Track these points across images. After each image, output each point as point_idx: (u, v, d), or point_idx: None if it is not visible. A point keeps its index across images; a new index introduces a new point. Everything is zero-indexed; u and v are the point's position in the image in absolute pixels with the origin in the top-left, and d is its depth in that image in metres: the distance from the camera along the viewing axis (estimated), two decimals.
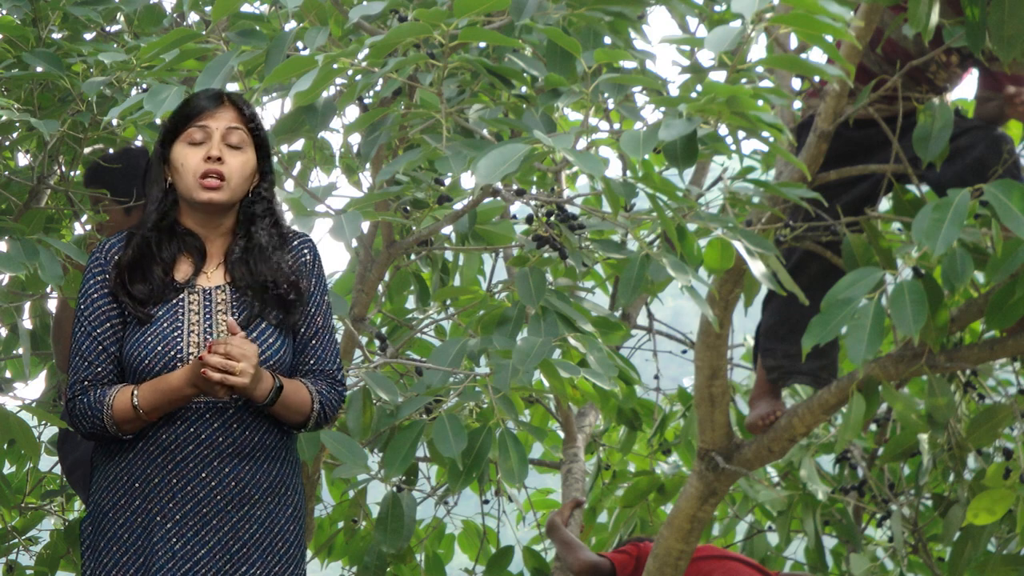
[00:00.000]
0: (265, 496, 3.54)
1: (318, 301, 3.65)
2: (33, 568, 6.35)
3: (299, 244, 3.67)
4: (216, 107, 3.60)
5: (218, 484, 3.50)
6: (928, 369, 4.89)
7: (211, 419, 3.51)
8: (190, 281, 3.57)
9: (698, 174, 6.75)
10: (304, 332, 3.63)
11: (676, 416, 7.13)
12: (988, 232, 4.51)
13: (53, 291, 5.45)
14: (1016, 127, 5.59)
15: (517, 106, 4.39)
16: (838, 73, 3.91)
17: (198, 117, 3.59)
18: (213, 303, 3.56)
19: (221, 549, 3.49)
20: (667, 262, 4.11)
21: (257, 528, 3.52)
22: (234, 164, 3.57)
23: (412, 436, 4.38)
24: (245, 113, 3.62)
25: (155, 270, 3.56)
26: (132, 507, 3.51)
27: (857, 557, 6.24)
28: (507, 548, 6.66)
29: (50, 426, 6.22)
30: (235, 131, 3.58)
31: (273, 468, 3.56)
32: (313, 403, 3.59)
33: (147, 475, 3.50)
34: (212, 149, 3.56)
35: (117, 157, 5.51)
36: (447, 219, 4.72)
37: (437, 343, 5.86)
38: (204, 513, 3.49)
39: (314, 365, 3.64)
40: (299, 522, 3.61)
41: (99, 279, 3.58)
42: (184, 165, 3.56)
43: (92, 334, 3.55)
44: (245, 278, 3.57)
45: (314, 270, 3.66)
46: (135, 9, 5.10)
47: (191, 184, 3.55)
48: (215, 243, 3.62)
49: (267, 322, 3.56)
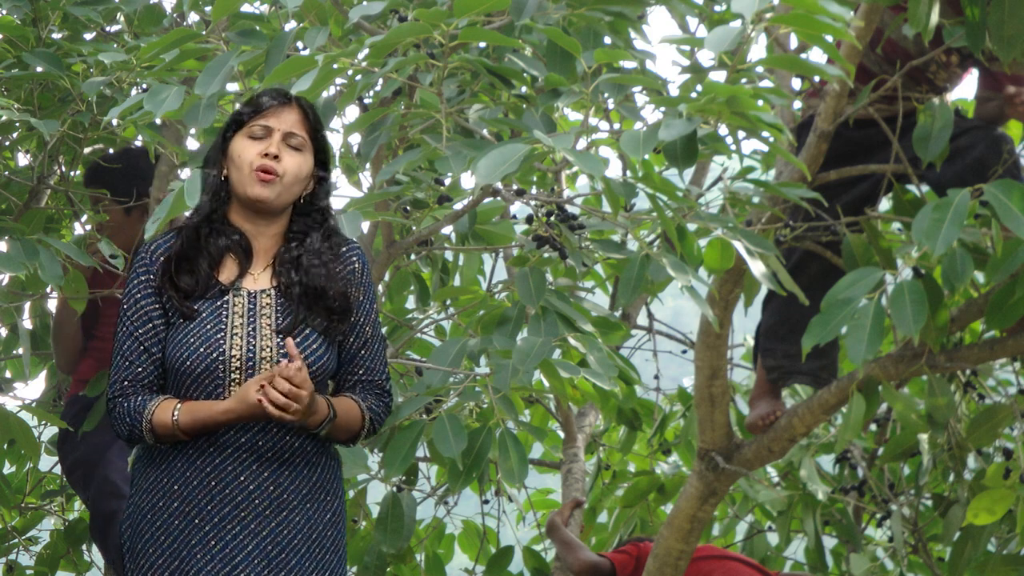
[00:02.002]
0: (304, 502, 3.52)
1: (367, 310, 3.63)
2: (33, 568, 6.35)
3: (348, 252, 3.64)
4: (282, 106, 3.59)
5: (256, 488, 3.48)
6: (928, 369, 4.89)
7: (252, 423, 3.50)
8: (235, 283, 3.55)
9: (698, 174, 6.75)
10: (353, 342, 3.61)
11: (676, 416, 7.13)
12: (988, 232, 4.51)
13: (53, 291, 5.45)
14: (1016, 127, 5.59)
15: (517, 106, 4.38)
16: (838, 73, 3.91)
17: (263, 114, 3.58)
18: (258, 307, 3.54)
19: (260, 554, 3.47)
20: (667, 262, 4.10)
21: (296, 534, 3.50)
22: (290, 165, 3.56)
23: (412, 436, 4.38)
24: (310, 117, 3.61)
25: (201, 263, 3.54)
26: (170, 509, 3.49)
27: (857, 557, 6.24)
28: (507, 548, 6.66)
29: (50, 426, 6.23)
30: (296, 134, 3.58)
31: (313, 474, 3.54)
32: (364, 421, 3.59)
33: (186, 478, 3.49)
34: (271, 147, 3.55)
35: (117, 157, 5.52)
36: (447, 219, 4.72)
37: (437, 343, 5.85)
38: (243, 517, 3.47)
39: (363, 376, 3.63)
40: (339, 527, 3.58)
41: (143, 279, 3.56)
42: (241, 157, 3.55)
43: (134, 334, 3.53)
44: (294, 284, 3.54)
45: (363, 279, 3.63)
46: (135, 9, 5.10)
47: (246, 177, 3.54)
48: (263, 244, 3.60)
49: (312, 328, 3.55)
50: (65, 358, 5.71)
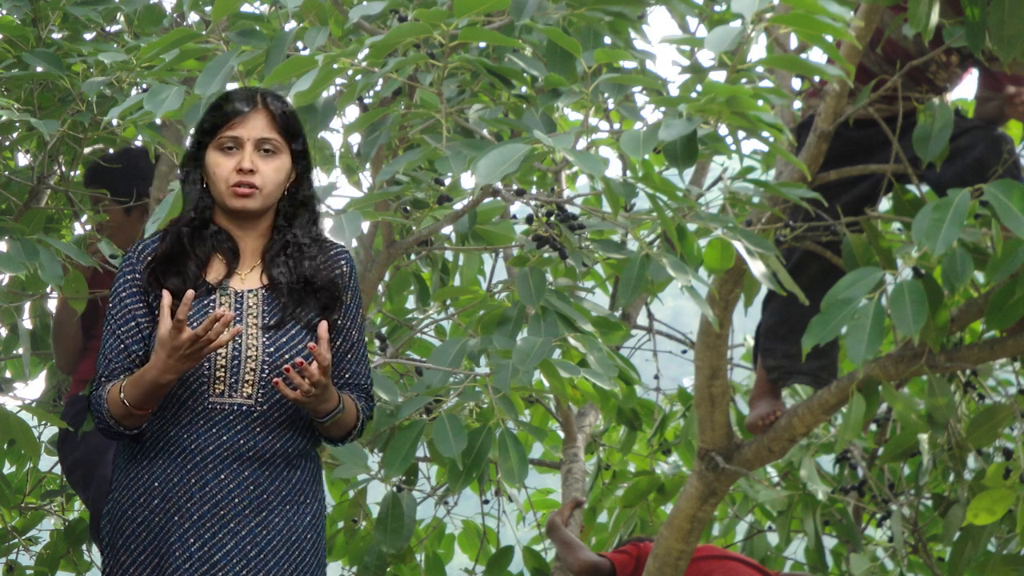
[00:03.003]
0: (284, 504, 3.52)
1: (354, 314, 3.61)
2: (33, 568, 6.35)
3: (335, 255, 3.61)
4: (249, 111, 3.53)
5: (237, 487, 3.48)
6: (928, 369, 4.89)
7: (234, 422, 3.49)
8: (222, 283, 3.54)
9: (698, 174, 6.75)
10: (340, 345, 3.60)
11: (676, 416, 7.13)
12: (988, 232, 4.52)
13: (53, 291, 5.45)
14: (1016, 127, 5.59)
15: (517, 106, 4.39)
16: (838, 73, 3.91)
17: (230, 125, 3.53)
18: (244, 306, 3.52)
19: (239, 553, 3.47)
20: (667, 262, 4.11)
21: (275, 536, 3.50)
22: (267, 171, 3.52)
23: (412, 436, 4.38)
24: (278, 117, 3.55)
25: (189, 265, 3.52)
26: (151, 506, 3.49)
27: (857, 557, 6.24)
28: (507, 548, 6.66)
29: (50, 426, 6.23)
30: (268, 140, 3.53)
31: (293, 476, 3.54)
32: (358, 422, 3.60)
33: (167, 474, 3.48)
34: (244, 161, 3.50)
35: (117, 157, 5.52)
36: (447, 219, 4.72)
37: (437, 343, 5.86)
38: (222, 515, 3.47)
39: (350, 379, 3.62)
40: (318, 530, 3.57)
41: (129, 279, 3.54)
42: (216, 173, 3.52)
43: (116, 332, 3.52)
44: (283, 276, 3.53)
45: (350, 283, 3.61)
46: (135, 9, 5.10)
47: (223, 192, 3.52)
48: (250, 244, 3.58)
49: (300, 325, 3.55)
50: (65, 358, 5.71)
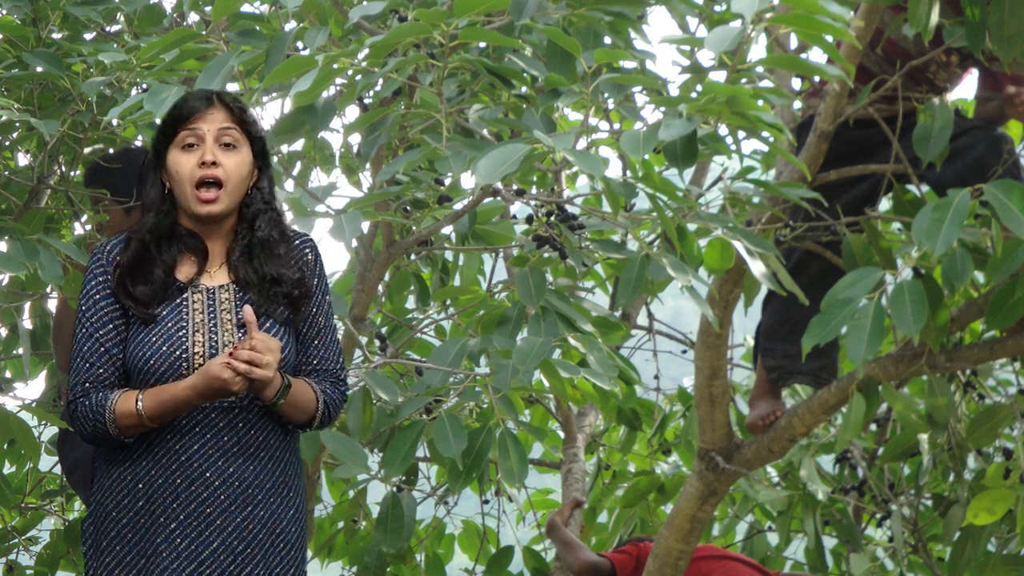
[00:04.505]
0: (268, 496, 3.53)
1: (319, 301, 3.65)
2: (33, 568, 6.35)
3: (300, 243, 3.66)
4: (207, 108, 3.57)
5: (222, 484, 3.49)
6: (928, 369, 4.89)
7: (216, 419, 3.50)
8: (194, 281, 3.56)
9: (698, 174, 6.76)
10: (306, 332, 3.63)
11: (676, 416, 7.13)
12: (988, 232, 4.52)
13: (53, 291, 5.45)
14: (1016, 127, 5.59)
15: (517, 106, 4.39)
16: (838, 73, 3.91)
17: (189, 121, 3.56)
18: (217, 302, 3.55)
19: (226, 549, 3.48)
20: (667, 262, 4.11)
21: (260, 529, 3.51)
22: (230, 165, 3.55)
23: (412, 436, 4.38)
24: (236, 112, 3.59)
25: (156, 271, 3.54)
26: (136, 507, 3.50)
27: (857, 557, 6.24)
28: (507, 548, 6.66)
29: (50, 426, 6.22)
30: (228, 131, 3.56)
31: (276, 468, 3.56)
32: (318, 402, 3.60)
33: (151, 476, 3.50)
34: (206, 154, 3.53)
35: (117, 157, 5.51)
36: (447, 219, 4.72)
37: (437, 343, 5.86)
38: (208, 513, 3.48)
39: (317, 365, 3.64)
40: (300, 524, 3.61)
41: (100, 280, 3.56)
42: (179, 172, 3.54)
43: (94, 335, 3.54)
44: (249, 275, 3.56)
45: (316, 270, 3.65)
46: (135, 9, 5.10)
47: (188, 195, 3.53)
48: (217, 242, 3.61)
49: (272, 320, 3.56)
50: (65, 358, 5.70)
